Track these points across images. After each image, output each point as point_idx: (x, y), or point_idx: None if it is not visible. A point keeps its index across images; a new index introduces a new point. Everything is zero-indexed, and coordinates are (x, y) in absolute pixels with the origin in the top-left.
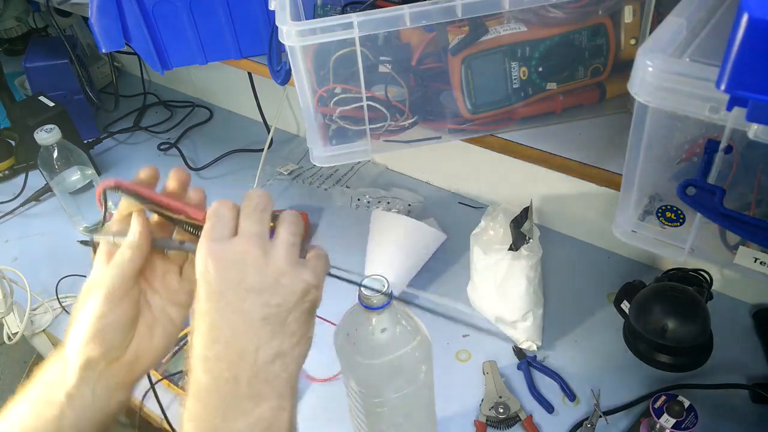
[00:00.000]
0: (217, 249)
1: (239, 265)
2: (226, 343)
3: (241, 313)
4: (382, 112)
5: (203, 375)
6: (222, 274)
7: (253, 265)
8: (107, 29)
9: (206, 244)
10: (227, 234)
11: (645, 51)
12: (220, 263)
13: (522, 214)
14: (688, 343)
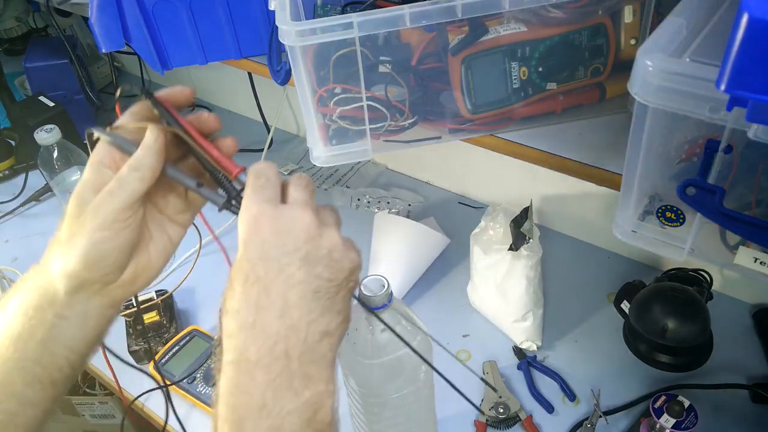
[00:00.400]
0: (273, 212)
1: (296, 233)
2: (278, 314)
3: (295, 283)
4: (382, 112)
5: (250, 344)
6: (278, 238)
7: (309, 235)
8: (107, 29)
9: (260, 205)
10: (277, 198)
11: (645, 51)
12: (276, 227)
13: (522, 214)
14: (688, 343)
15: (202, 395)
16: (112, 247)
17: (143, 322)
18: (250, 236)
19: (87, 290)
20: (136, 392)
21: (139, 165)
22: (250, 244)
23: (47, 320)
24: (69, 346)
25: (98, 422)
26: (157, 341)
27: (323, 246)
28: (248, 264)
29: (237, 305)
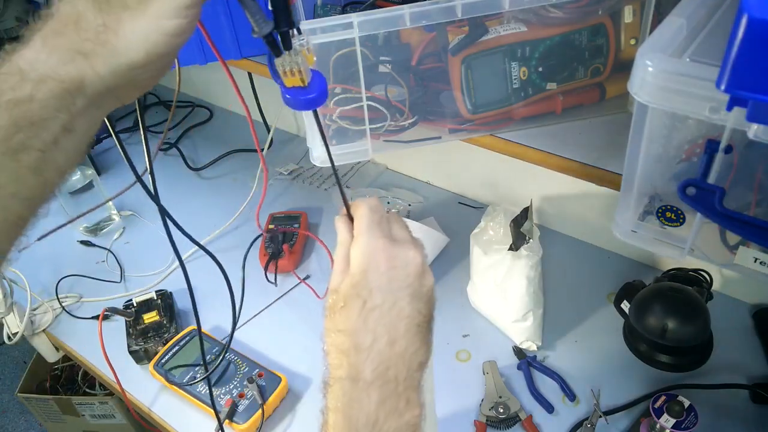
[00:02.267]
0: (391, 248)
1: (408, 270)
2: (390, 342)
3: (404, 316)
4: (382, 112)
5: (367, 366)
6: (393, 273)
7: (417, 274)
8: None
9: (380, 240)
10: (389, 234)
11: (645, 51)
12: (393, 263)
13: (522, 214)
14: (688, 343)
15: (202, 395)
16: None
17: (143, 322)
18: (370, 266)
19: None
20: (137, 392)
21: None
22: (369, 274)
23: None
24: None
25: (98, 422)
26: (157, 341)
27: (425, 285)
28: (366, 291)
29: (354, 326)
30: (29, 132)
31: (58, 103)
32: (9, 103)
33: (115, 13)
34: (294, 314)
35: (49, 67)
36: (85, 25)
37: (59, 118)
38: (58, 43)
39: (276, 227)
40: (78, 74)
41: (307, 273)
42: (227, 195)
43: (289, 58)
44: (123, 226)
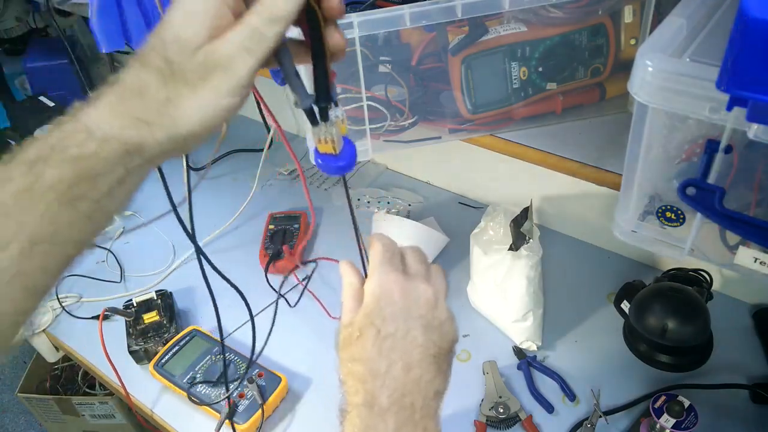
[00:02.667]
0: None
1: (421, 302)
2: (405, 368)
3: (418, 345)
4: (382, 112)
5: (383, 392)
6: (406, 304)
7: (430, 306)
8: (107, 29)
9: (393, 274)
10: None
11: (645, 51)
12: (406, 294)
13: (522, 214)
14: (688, 343)
15: (202, 395)
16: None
17: (143, 322)
18: (383, 296)
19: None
20: (137, 392)
21: (281, 16)
22: (382, 303)
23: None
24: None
25: (98, 422)
26: (157, 341)
27: (437, 317)
28: (380, 320)
29: (368, 354)
30: (88, 184)
31: (117, 161)
32: (74, 158)
33: (177, 89)
34: (294, 314)
35: (114, 130)
36: (149, 96)
37: (116, 173)
38: (124, 109)
39: (276, 227)
40: (139, 139)
41: (307, 273)
42: (227, 195)
43: (324, 129)
44: (123, 226)
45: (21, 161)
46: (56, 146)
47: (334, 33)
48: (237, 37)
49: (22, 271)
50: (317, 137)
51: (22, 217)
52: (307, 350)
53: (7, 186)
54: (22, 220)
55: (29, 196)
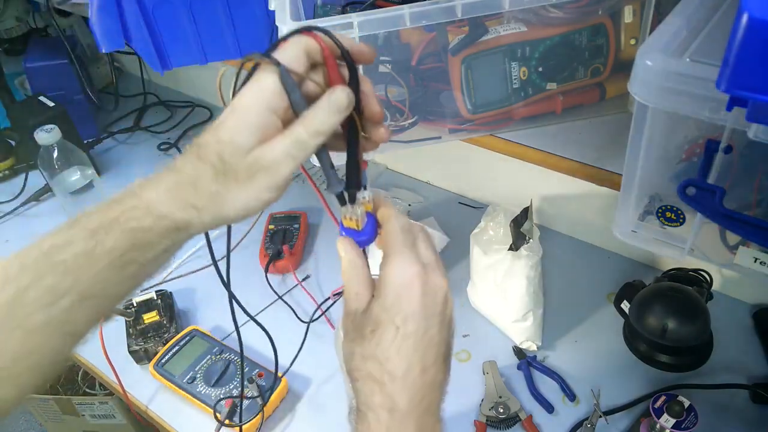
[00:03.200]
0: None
1: (438, 299)
2: (422, 370)
3: (434, 345)
4: None
5: (403, 396)
6: (426, 300)
7: (444, 301)
8: (107, 29)
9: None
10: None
11: (645, 51)
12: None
13: (522, 214)
14: (688, 343)
15: (202, 395)
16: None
17: (143, 322)
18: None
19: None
20: (137, 392)
21: (324, 130)
22: (403, 300)
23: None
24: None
25: (98, 422)
26: (157, 341)
27: (448, 313)
28: (400, 318)
29: (386, 353)
30: (139, 252)
31: (167, 235)
32: (132, 230)
33: (227, 183)
34: (294, 314)
35: (168, 210)
36: (201, 188)
37: (164, 245)
38: (179, 195)
39: (276, 227)
40: (188, 219)
41: (307, 273)
42: None
43: (350, 209)
44: None
45: (84, 227)
46: (119, 219)
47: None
48: (283, 145)
49: (70, 320)
50: (344, 215)
51: (79, 275)
52: (308, 350)
53: (69, 248)
54: (78, 278)
55: (88, 259)
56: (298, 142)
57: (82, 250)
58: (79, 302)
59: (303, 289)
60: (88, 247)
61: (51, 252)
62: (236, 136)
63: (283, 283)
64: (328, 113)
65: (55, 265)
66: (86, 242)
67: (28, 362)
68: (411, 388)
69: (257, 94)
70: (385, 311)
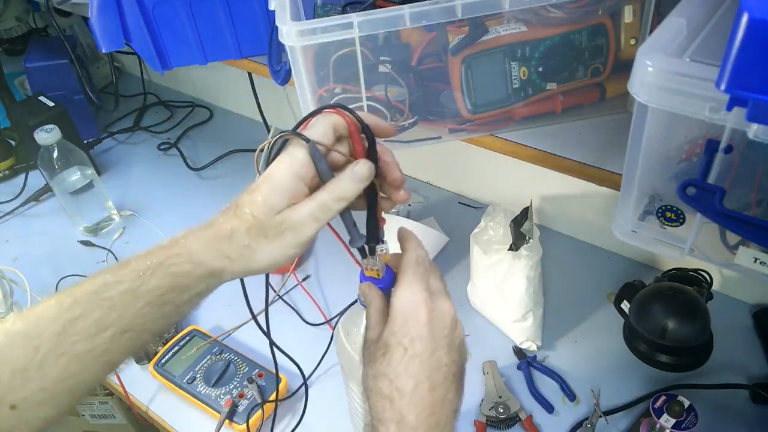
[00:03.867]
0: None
1: (445, 323)
2: (430, 388)
3: (442, 365)
4: (382, 112)
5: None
6: (433, 324)
7: (452, 325)
8: (107, 29)
9: (423, 293)
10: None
11: (645, 51)
12: (433, 314)
13: (522, 214)
14: (688, 343)
15: (202, 395)
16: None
17: None
18: (411, 316)
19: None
20: (137, 392)
21: (346, 197)
22: (410, 323)
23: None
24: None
25: (98, 422)
26: (157, 341)
27: (458, 336)
28: (408, 339)
29: (395, 371)
30: (177, 294)
31: (202, 280)
32: (173, 274)
33: (257, 239)
34: (294, 314)
35: (205, 258)
36: (235, 241)
37: (198, 288)
38: (215, 246)
39: None
40: (221, 268)
41: (307, 273)
42: (227, 195)
43: (372, 261)
44: (123, 226)
45: (133, 269)
46: (163, 263)
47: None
48: (309, 208)
49: (109, 350)
50: (365, 266)
51: (123, 311)
52: (308, 350)
53: (118, 286)
54: (122, 313)
55: (132, 296)
56: (323, 207)
57: (128, 289)
58: (119, 335)
59: (303, 289)
60: (133, 286)
61: (100, 290)
62: (268, 199)
63: (283, 283)
64: (350, 182)
65: (102, 300)
66: (133, 282)
67: (67, 385)
68: (419, 403)
69: (288, 165)
70: (393, 335)
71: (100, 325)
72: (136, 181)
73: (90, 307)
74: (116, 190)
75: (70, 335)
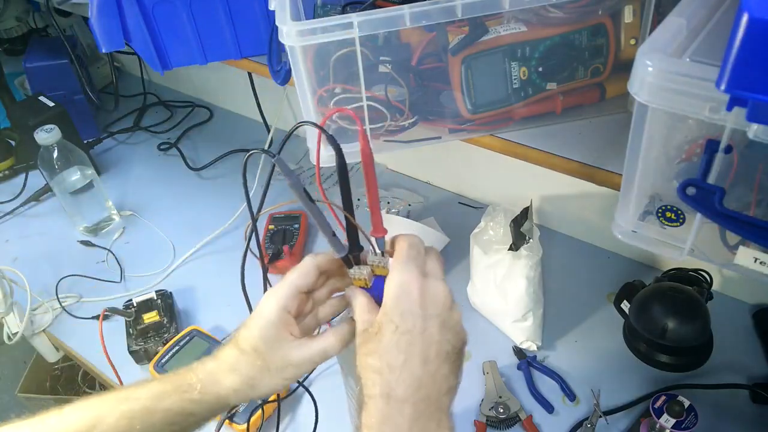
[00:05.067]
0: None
1: (438, 301)
2: (421, 363)
3: (434, 342)
4: (382, 112)
5: (399, 384)
6: (424, 302)
7: (446, 306)
8: (107, 29)
9: (412, 273)
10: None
11: (645, 51)
12: (423, 293)
13: (522, 214)
14: (688, 343)
15: None
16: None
17: (143, 321)
18: (402, 296)
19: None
20: None
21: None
22: (401, 300)
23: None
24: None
25: None
26: (157, 341)
27: (453, 318)
28: (398, 316)
29: (385, 347)
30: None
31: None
32: (184, 399)
33: (260, 373)
34: None
35: (213, 389)
36: (239, 374)
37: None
38: (222, 379)
39: (276, 227)
40: (226, 397)
41: None
42: (227, 195)
43: (358, 271)
44: (123, 226)
45: (150, 390)
46: (179, 387)
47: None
48: (311, 353)
49: None
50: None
51: (139, 424)
52: None
53: (136, 403)
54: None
55: (149, 413)
56: (323, 353)
57: (145, 406)
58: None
59: None
60: (151, 404)
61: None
62: (263, 333)
63: None
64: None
65: (122, 412)
66: (150, 401)
67: None
68: (409, 377)
69: (275, 300)
70: (385, 314)
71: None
72: (136, 181)
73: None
74: (116, 190)
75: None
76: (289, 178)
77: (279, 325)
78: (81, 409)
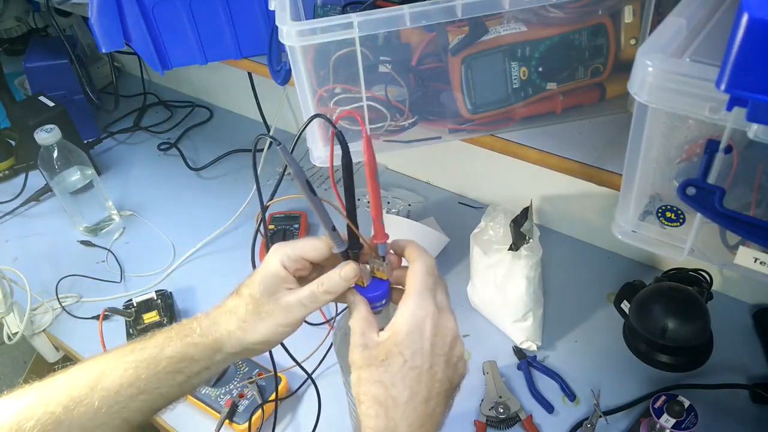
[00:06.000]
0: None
1: (446, 340)
2: (424, 400)
3: (437, 381)
4: (382, 112)
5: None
6: (435, 340)
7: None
8: (107, 29)
9: (431, 308)
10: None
11: (645, 51)
12: (436, 330)
13: (522, 214)
14: (688, 343)
15: (202, 395)
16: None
17: (143, 321)
18: (416, 330)
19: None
20: None
21: (333, 291)
22: (414, 336)
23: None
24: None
25: None
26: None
27: (455, 355)
28: (409, 352)
29: (392, 380)
30: (187, 363)
31: (208, 353)
32: (186, 344)
33: (252, 316)
34: None
35: (210, 331)
36: (234, 316)
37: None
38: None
39: (276, 227)
40: (221, 340)
41: None
42: (227, 195)
43: None
44: (123, 226)
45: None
46: (180, 332)
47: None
48: (300, 296)
49: (127, 407)
50: None
51: (144, 373)
52: (307, 350)
53: (141, 353)
54: (143, 375)
55: (154, 362)
56: (312, 296)
57: (151, 355)
58: (136, 395)
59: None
60: (155, 353)
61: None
62: (263, 281)
63: None
64: (338, 280)
65: (128, 363)
66: (155, 349)
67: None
68: (412, 414)
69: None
70: (396, 345)
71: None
72: (136, 181)
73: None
74: (116, 190)
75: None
76: (292, 167)
77: (278, 278)
78: (87, 367)
